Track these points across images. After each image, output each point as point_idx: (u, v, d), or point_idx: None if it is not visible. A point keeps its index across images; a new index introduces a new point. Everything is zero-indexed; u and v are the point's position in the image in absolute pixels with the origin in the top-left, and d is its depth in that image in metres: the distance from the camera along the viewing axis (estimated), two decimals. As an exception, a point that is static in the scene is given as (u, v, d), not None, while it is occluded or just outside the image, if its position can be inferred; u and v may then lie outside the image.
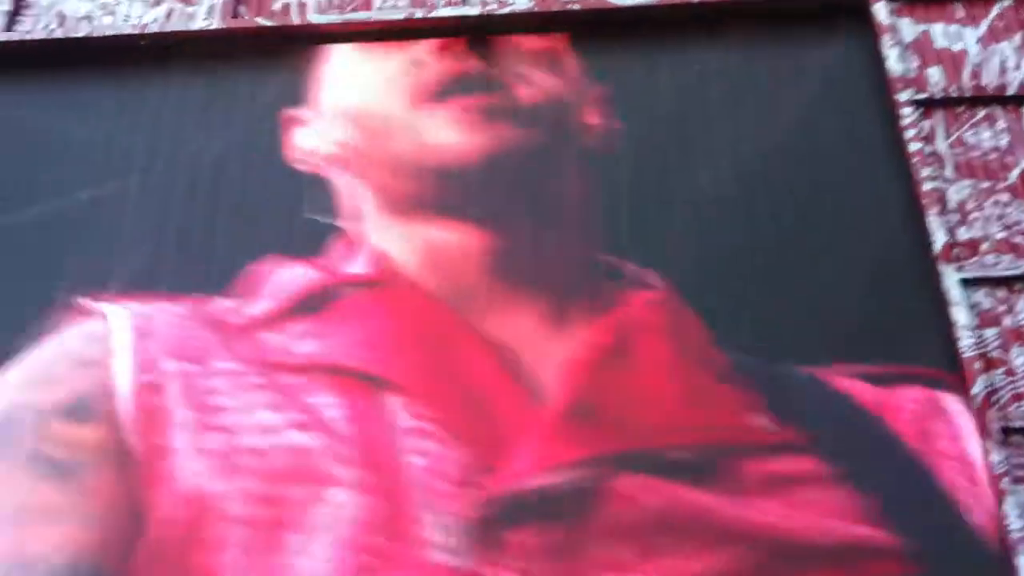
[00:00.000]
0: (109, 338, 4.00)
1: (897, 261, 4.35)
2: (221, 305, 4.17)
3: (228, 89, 5.03)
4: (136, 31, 5.19)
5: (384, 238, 4.32)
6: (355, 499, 3.51)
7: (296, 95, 4.93)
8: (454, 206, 4.36)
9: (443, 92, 4.59)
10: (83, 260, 4.44)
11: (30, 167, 4.87)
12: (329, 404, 3.74)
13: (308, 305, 4.12)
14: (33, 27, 5.30)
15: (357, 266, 4.27)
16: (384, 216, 4.38)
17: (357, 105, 4.72)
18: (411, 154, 4.47)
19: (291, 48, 5.10)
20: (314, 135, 4.69)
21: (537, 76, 4.74)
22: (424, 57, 4.81)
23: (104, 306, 4.16)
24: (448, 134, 4.46)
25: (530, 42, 4.92)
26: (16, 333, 4.21)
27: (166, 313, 4.08)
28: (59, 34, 5.22)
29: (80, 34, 5.21)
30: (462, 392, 3.81)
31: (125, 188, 4.70)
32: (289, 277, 4.21)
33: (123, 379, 3.84)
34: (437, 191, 4.39)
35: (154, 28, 5.19)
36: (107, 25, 5.26)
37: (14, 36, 5.21)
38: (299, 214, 4.49)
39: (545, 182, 4.48)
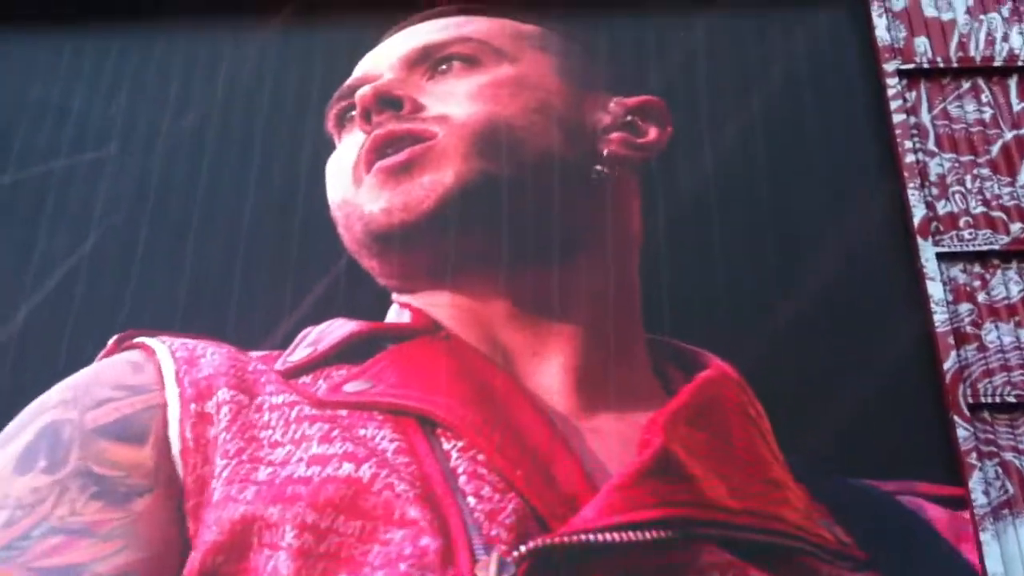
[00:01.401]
0: (156, 367, 3.84)
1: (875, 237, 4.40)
2: (259, 352, 4.04)
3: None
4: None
5: (412, 301, 4.18)
6: (408, 534, 3.31)
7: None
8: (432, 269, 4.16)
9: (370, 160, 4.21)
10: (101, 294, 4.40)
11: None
12: (383, 438, 3.57)
13: (351, 353, 3.95)
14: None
15: (398, 318, 4.15)
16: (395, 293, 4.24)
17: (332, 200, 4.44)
18: (363, 232, 4.20)
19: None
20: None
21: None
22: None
23: (146, 339, 4.00)
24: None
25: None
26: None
27: (211, 348, 3.92)
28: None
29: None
30: (518, 443, 3.64)
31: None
32: (329, 328, 4.08)
33: (173, 407, 3.70)
34: (406, 261, 4.18)
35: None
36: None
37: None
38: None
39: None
